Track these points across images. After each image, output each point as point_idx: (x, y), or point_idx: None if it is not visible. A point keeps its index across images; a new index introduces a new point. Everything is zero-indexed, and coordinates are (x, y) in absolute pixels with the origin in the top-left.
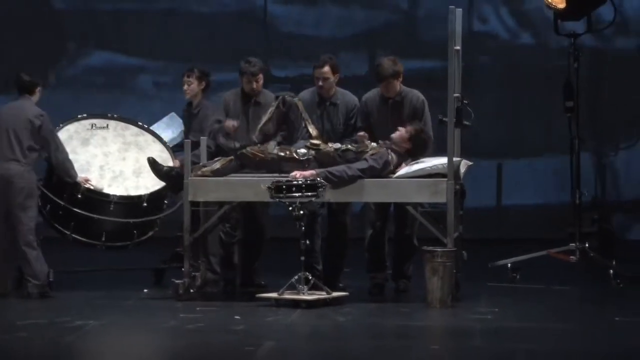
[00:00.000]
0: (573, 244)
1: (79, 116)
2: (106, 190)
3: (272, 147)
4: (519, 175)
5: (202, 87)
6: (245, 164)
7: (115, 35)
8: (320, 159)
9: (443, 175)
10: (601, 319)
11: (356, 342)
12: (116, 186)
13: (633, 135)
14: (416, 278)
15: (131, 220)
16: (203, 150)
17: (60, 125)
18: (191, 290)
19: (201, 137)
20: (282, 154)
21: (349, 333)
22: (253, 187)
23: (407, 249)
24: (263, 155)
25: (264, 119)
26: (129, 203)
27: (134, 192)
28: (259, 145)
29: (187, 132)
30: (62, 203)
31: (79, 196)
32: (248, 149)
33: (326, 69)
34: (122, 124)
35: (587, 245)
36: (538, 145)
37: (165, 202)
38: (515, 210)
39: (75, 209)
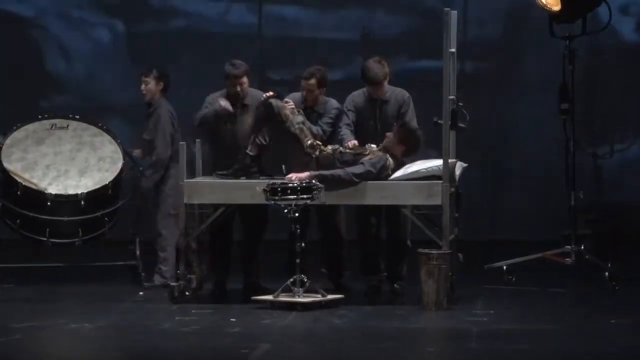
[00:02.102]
0: (568, 246)
1: (40, 116)
2: (43, 188)
3: (299, 120)
4: (514, 177)
5: (160, 88)
6: (269, 115)
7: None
8: (321, 161)
9: (438, 178)
10: (597, 321)
11: (352, 345)
12: (55, 185)
13: (628, 137)
14: (412, 280)
15: (65, 218)
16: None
17: (18, 124)
18: (186, 293)
19: (197, 140)
20: (299, 132)
21: (344, 335)
22: (248, 189)
23: (400, 250)
24: (284, 118)
25: (250, 123)
26: (66, 201)
27: (72, 191)
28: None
29: (144, 132)
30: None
31: (19, 193)
32: (278, 102)
33: (312, 81)
34: (84, 124)
35: (582, 247)
36: (533, 147)
37: (120, 201)
38: (510, 213)
39: (10, 205)
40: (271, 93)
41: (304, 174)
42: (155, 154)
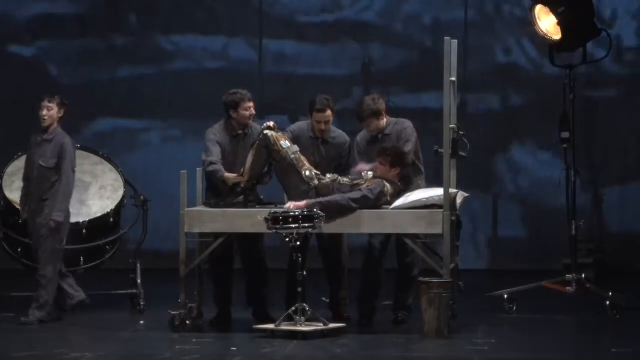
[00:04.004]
0: (569, 275)
1: None
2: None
3: (294, 149)
4: (515, 205)
5: (60, 115)
6: (267, 146)
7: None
8: (320, 190)
9: (439, 206)
10: (597, 349)
11: None
12: None
13: (629, 167)
14: (413, 308)
15: (68, 247)
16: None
17: (19, 153)
18: (187, 322)
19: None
20: (295, 162)
21: None
22: (249, 217)
23: (405, 278)
24: (279, 149)
25: (249, 160)
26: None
27: (73, 219)
28: (285, 135)
29: (36, 158)
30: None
31: (20, 222)
32: (273, 133)
33: (328, 112)
34: (85, 152)
35: (583, 276)
36: (533, 175)
37: (121, 229)
38: (510, 241)
39: (11, 234)
40: (271, 123)
41: (302, 203)
42: (63, 185)
